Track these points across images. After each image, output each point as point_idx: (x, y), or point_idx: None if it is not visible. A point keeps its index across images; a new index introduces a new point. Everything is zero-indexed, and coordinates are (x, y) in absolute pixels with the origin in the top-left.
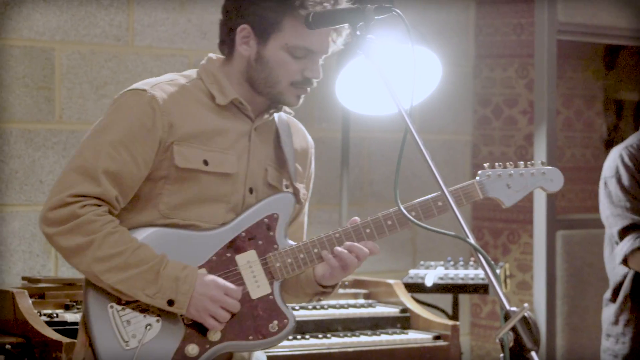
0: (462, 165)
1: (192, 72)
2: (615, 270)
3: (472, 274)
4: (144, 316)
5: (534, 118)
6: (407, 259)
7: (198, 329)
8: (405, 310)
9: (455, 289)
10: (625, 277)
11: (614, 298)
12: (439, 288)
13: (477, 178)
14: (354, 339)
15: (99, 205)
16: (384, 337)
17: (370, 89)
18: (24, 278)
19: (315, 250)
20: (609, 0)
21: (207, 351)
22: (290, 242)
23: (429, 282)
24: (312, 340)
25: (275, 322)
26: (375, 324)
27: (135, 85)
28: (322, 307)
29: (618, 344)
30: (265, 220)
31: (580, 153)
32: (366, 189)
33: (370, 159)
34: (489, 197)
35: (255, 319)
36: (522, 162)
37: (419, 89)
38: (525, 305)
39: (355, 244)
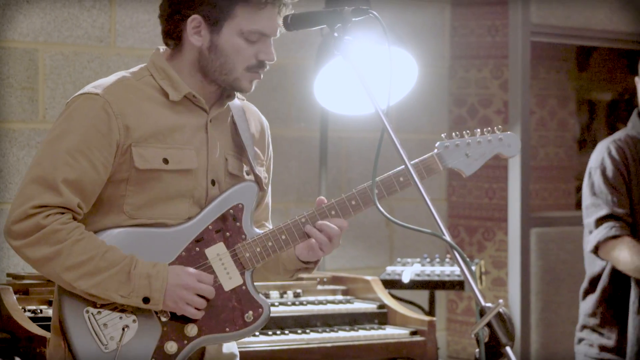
0: None
1: (141, 68)
2: (593, 263)
3: (448, 270)
4: (120, 318)
5: (509, 118)
6: (384, 256)
7: (175, 326)
8: (382, 306)
9: (431, 285)
10: (603, 270)
11: (591, 290)
12: (416, 284)
13: (435, 150)
14: (333, 335)
15: (62, 214)
16: (361, 333)
17: (348, 89)
18: (8, 274)
19: (283, 237)
20: (581, 3)
21: (186, 347)
22: (258, 230)
23: (405, 279)
24: (292, 336)
25: (250, 312)
26: (353, 320)
27: (86, 89)
28: (301, 303)
29: (595, 334)
30: (231, 211)
31: (553, 152)
32: (344, 188)
33: (348, 157)
34: (449, 167)
35: (230, 311)
36: (478, 130)
37: (395, 89)
38: (500, 301)
39: (325, 222)
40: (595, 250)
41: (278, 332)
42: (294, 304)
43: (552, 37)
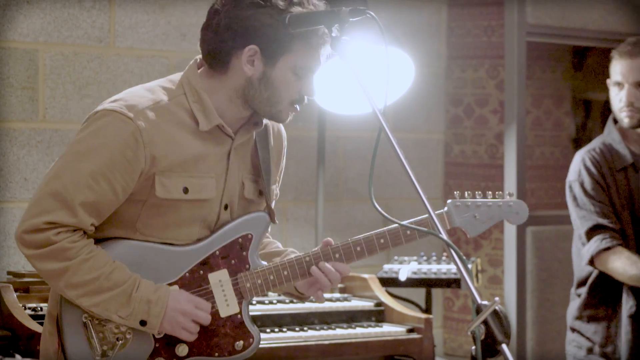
0: (435, 163)
1: (177, 84)
2: (581, 267)
3: (444, 268)
4: (117, 328)
5: (505, 117)
6: (382, 254)
7: (166, 344)
8: (379, 304)
9: (428, 283)
10: (590, 274)
11: (579, 293)
12: (413, 282)
13: (446, 208)
14: (330, 332)
15: (74, 231)
16: (359, 330)
17: (346, 89)
18: (9, 273)
19: (285, 273)
20: (577, 3)
21: None
22: (262, 262)
23: (402, 277)
24: (290, 333)
25: (241, 341)
26: (351, 317)
27: (119, 107)
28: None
29: (582, 337)
30: (240, 240)
31: (549, 151)
32: (341, 186)
33: (346, 157)
34: (456, 226)
35: (222, 337)
36: (490, 193)
37: (392, 89)
38: (496, 299)
39: (330, 266)
40: (591, 262)
41: (276, 329)
42: (291, 301)
43: (547, 37)
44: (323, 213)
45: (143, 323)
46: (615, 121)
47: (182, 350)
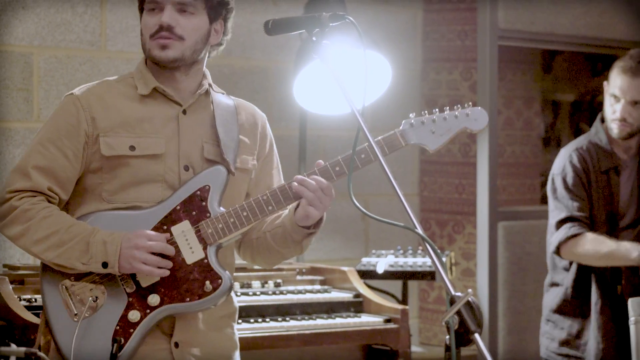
0: (411, 161)
1: (129, 72)
2: (555, 261)
3: (420, 261)
4: (91, 290)
5: None
6: (360, 248)
7: (139, 297)
8: (358, 295)
9: (404, 276)
10: (567, 267)
11: (554, 285)
12: (390, 275)
13: (400, 127)
14: (311, 322)
15: (34, 196)
16: (338, 320)
17: (326, 90)
18: (4, 265)
19: (245, 214)
20: (546, 9)
21: (148, 316)
22: (222, 209)
23: (380, 270)
24: (272, 323)
25: (208, 282)
26: (331, 308)
27: (71, 91)
28: (281, 293)
29: (556, 329)
30: (198, 192)
31: (519, 150)
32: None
33: (326, 155)
34: (413, 143)
35: (190, 282)
36: (447, 107)
37: (370, 90)
38: (469, 290)
39: (305, 178)
40: (557, 251)
41: (259, 319)
42: (274, 293)
43: (518, 41)
44: None
45: (105, 265)
46: (603, 121)
47: (153, 299)
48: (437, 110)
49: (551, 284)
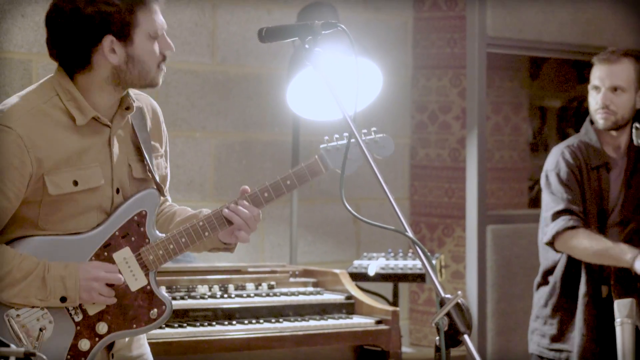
0: (401, 165)
1: (47, 88)
2: (547, 256)
3: (410, 264)
4: (37, 320)
5: (466, 123)
6: (352, 251)
7: (87, 325)
8: (350, 297)
9: (395, 278)
10: (556, 263)
11: (544, 282)
12: (381, 277)
13: (317, 155)
14: (304, 323)
15: None
16: (330, 322)
17: (318, 96)
18: None
19: (183, 240)
20: (534, 17)
21: (97, 343)
22: (160, 234)
23: (371, 272)
24: (266, 325)
25: (155, 310)
26: (323, 310)
27: None
28: (274, 295)
29: (546, 325)
30: (135, 217)
31: (508, 155)
32: (315, 187)
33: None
34: (332, 168)
35: (137, 309)
36: (363, 131)
37: (361, 96)
38: (459, 292)
39: (236, 206)
40: (552, 241)
41: (253, 321)
42: (268, 295)
43: (506, 48)
44: (297, 212)
45: (63, 299)
46: (592, 122)
47: (102, 328)
48: (346, 134)
49: (540, 282)
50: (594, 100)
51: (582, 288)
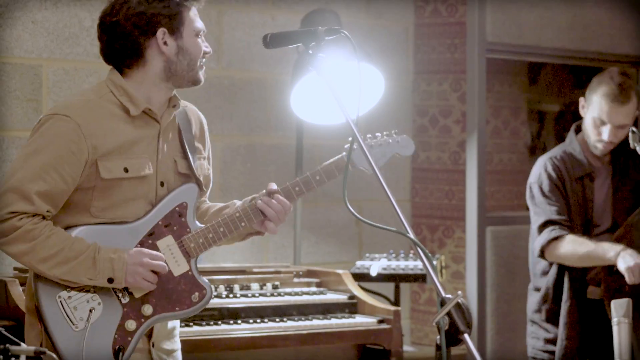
0: (403, 168)
1: (101, 86)
2: (538, 264)
3: (411, 265)
4: (87, 301)
5: (466, 127)
6: (354, 252)
7: (133, 307)
8: (352, 297)
9: (396, 278)
10: (548, 270)
11: (537, 288)
12: (383, 277)
13: (344, 153)
14: (307, 323)
15: (33, 216)
16: (333, 321)
17: (322, 101)
18: (15, 268)
19: (222, 229)
20: (532, 23)
21: (143, 324)
22: (199, 224)
23: (373, 272)
24: (270, 324)
25: (197, 293)
26: (326, 309)
27: (57, 110)
28: (279, 294)
29: (541, 330)
30: (177, 208)
31: (507, 158)
32: (318, 190)
33: (322, 163)
34: (358, 168)
35: (179, 293)
36: (379, 134)
37: (364, 101)
38: (459, 292)
39: (272, 200)
40: (542, 254)
41: (258, 320)
42: (272, 295)
43: (505, 54)
44: (301, 214)
45: (110, 280)
46: (577, 132)
47: (147, 309)
48: (370, 136)
49: (533, 288)
50: (596, 131)
51: (565, 295)
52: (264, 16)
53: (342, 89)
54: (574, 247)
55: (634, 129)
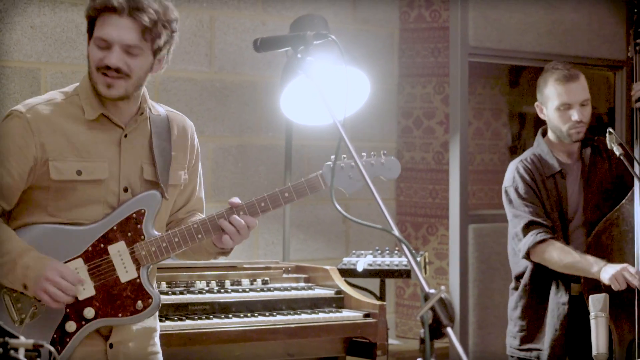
0: None
1: (72, 88)
2: (517, 264)
3: (396, 261)
4: (31, 299)
5: (449, 128)
6: (341, 249)
7: (75, 309)
8: (339, 292)
9: (382, 274)
10: (525, 269)
11: (515, 287)
12: (369, 273)
13: (321, 171)
14: (296, 317)
15: None
16: (321, 315)
17: (310, 103)
18: None
19: (176, 239)
20: (513, 27)
21: (83, 327)
22: (156, 233)
23: (360, 268)
24: (260, 318)
25: (140, 301)
26: (314, 304)
27: (17, 106)
28: (268, 290)
29: (516, 327)
30: (134, 215)
31: (488, 158)
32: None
33: (310, 163)
34: (336, 187)
35: (123, 300)
36: (364, 153)
37: (350, 103)
38: (442, 287)
39: (236, 216)
40: (527, 256)
41: (248, 314)
42: (262, 290)
43: (487, 57)
44: (290, 212)
45: (25, 287)
46: (544, 135)
47: (88, 312)
48: (363, 154)
49: (513, 287)
50: (565, 117)
51: (554, 287)
52: (254, 21)
53: (329, 92)
54: (560, 256)
55: (610, 129)
